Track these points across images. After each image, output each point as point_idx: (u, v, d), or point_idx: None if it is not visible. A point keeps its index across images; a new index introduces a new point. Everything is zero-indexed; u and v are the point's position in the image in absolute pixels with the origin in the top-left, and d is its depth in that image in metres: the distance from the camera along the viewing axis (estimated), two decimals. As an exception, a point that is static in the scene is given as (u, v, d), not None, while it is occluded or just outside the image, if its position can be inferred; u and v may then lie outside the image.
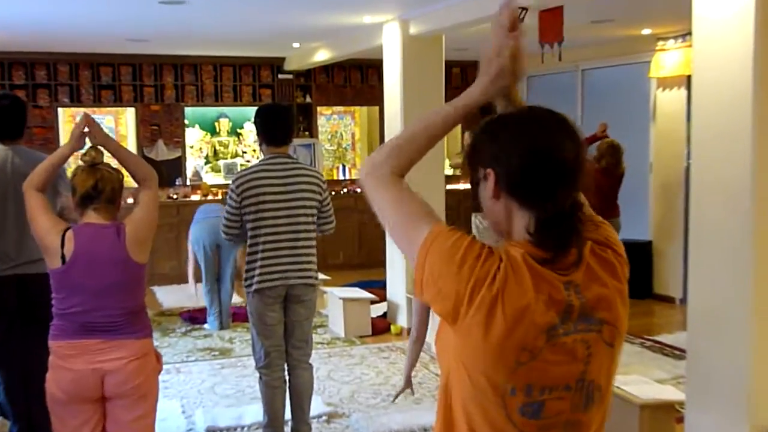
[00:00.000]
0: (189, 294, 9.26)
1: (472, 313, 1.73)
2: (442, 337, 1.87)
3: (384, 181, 1.92)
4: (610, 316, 1.84)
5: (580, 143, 1.82)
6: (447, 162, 12.68)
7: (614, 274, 1.87)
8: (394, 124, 8.55)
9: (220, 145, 12.62)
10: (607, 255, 1.88)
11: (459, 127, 5.20)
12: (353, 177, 12.95)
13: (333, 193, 11.92)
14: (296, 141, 11.72)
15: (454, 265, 1.74)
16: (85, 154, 3.88)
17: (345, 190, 12.70)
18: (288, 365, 5.32)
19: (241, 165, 12.36)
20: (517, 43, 1.88)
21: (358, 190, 10.89)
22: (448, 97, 2.45)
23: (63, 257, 3.70)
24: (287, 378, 5.36)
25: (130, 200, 7.21)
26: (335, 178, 13.11)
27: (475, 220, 8.57)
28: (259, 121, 5.19)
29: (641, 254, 10.22)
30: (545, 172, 1.77)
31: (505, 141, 1.80)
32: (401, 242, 1.87)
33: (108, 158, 3.89)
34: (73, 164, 6.92)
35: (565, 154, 1.78)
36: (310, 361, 5.41)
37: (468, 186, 12.16)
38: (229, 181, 6.05)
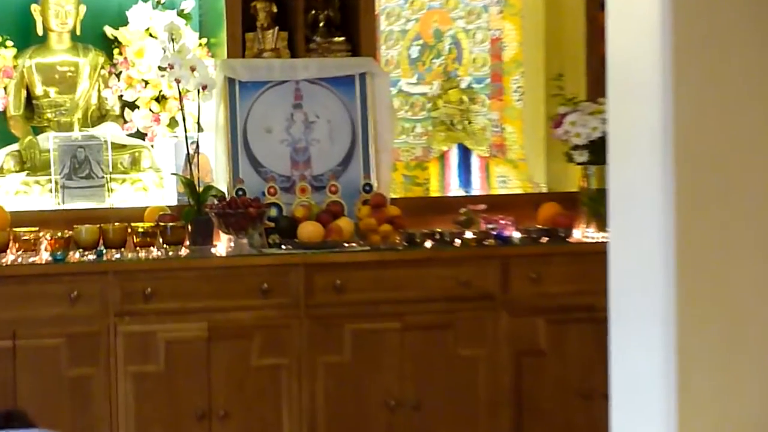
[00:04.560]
0: None
1: None
2: None
3: None
4: None
5: None
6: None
7: None
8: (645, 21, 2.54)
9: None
10: None
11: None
12: (508, 183, 5.48)
13: (420, 237, 4.83)
14: (305, 67, 5.05)
15: None
16: None
17: (472, 234, 4.68)
18: None
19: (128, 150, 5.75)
20: None
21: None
22: None
23: None
24: None
25: None
26: (426, 192, 5.44)
27: None
28: None
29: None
30: None
31: None
32: None
33: None
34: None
35: None
36: None
37: None
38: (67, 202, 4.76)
